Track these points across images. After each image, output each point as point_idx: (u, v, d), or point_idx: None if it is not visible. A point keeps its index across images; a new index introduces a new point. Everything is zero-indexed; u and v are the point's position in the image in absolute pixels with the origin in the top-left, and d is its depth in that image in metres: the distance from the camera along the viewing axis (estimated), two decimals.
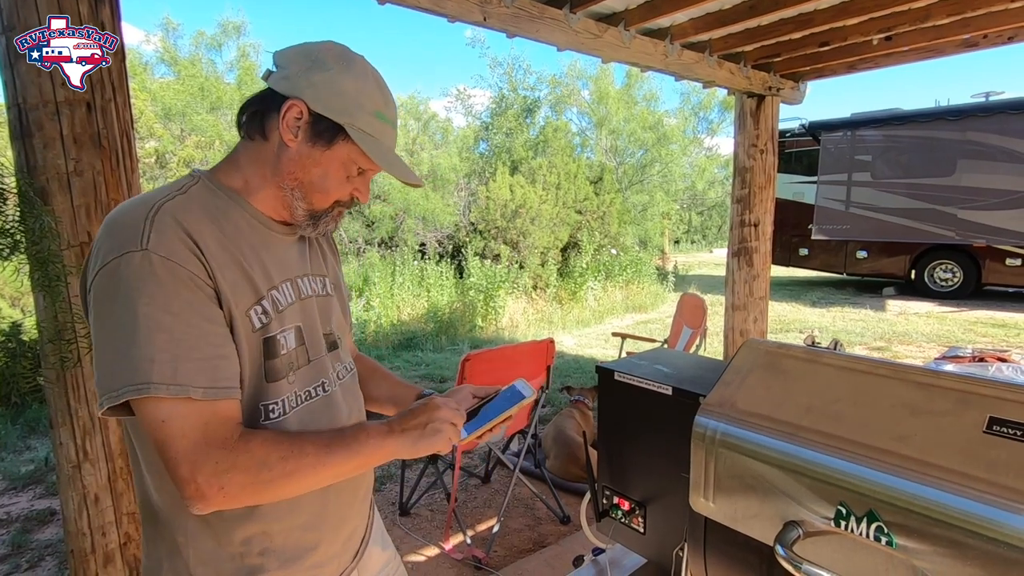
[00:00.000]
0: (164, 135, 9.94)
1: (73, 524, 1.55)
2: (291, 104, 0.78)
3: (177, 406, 0.68)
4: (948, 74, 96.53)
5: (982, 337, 6.70)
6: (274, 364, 0.79)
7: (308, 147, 0.80)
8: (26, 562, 2.66)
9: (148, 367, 0.67)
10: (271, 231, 0.84)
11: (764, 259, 3.99)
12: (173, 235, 0.71)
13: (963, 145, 7.76)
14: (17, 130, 1.43)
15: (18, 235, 1.35)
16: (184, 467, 0.67)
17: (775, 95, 3.78)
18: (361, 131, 0.80)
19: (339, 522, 0.89)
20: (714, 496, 0.80)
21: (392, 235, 11.69)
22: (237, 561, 0.79)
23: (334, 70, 0.79)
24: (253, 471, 0.70)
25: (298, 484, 0.74)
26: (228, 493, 0.69)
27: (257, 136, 0.82)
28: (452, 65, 53.15)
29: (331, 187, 0.83)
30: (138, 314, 0.67)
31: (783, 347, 0.85)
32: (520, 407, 0.91)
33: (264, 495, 0.73)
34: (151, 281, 0.68)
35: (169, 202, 0.74)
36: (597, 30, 2.75)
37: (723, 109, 19.14)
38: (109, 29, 1.46)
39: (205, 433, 0.69)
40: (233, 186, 0.82)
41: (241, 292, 0.76)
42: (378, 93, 0.83)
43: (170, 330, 0.68)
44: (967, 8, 2.73)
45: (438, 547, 2.66)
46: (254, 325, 0.77)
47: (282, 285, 0.83)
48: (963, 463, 0.61)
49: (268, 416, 0.79)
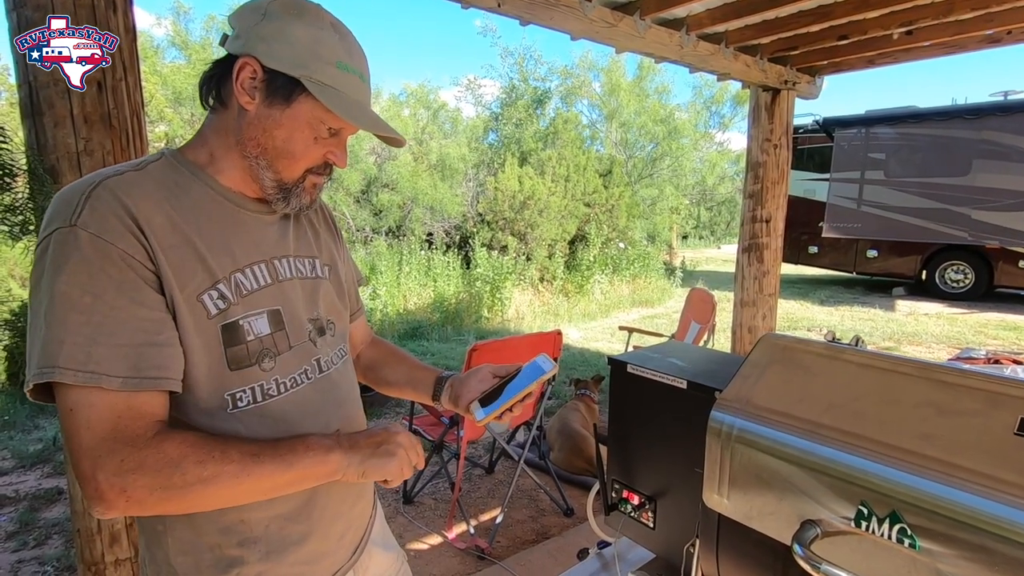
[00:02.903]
0: (174, 119, 9.95)
1: (80, 503, 1.55)
2: (243, 63, 0.72)
3: (86, 395, 0.62)
4: (965, 72, 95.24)
5: (993, 340, 6.63)
6: (237, 351, 0.73)
7: (267, 108, 0.73)
8: (33, 540, 2.69)
9: (56, 349, 0.62)
10: (242, 209, 0.79)
11: (775, 255, 3.95)
12: (108, 211, 0.66)
13: (979, 145, 7.64)
14: (28, 108, 1.42)
15: (27, 213, 1.34)
16: (85, 462, 0.61)
17: (791, 89, 3.72)
18: (320, 83, 0.73)
19: (332, 517, 0.84)
20: (729, 492, 0.78)
21: (399, 224, 11.68)
22: (216, 552, 0.75)
23: (283, 18, 0.72)
24: (163, 474, 0.63)
25: (217, 494, 0.67)
26: (131, 497, 0.62)
27: (217, 105, 0.77)
28: (462, 54, 52.86)
29: (297, 151, 0.76)
30: (55, 293, 0.63)
31: (802, 342, 0.83)
32: (540, 383, 0.89)
33: (175, 503, 0.65)
34: (74, 258, 0.63)
35: (115, 178, 0.69)
36: (612, 19, 2.71)
37: (735, 104, 18.94)
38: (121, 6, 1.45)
39: (115, 427, 0.63)
40: (198, 161, 0.77)
41: (190, 275, 0.70)
42: (338, 41, 0.75)
43: (88, 312, 0.63)
44: (992, 3, 2.67)
45: (441, 536, 2.66)
46: (209, 311, 0.71)
47: (251, 267, 0.77)
48: (993, 465, 0.59)
49: (236, 405, 0.73)
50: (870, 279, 10.49)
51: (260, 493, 0.71)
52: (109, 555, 1.59)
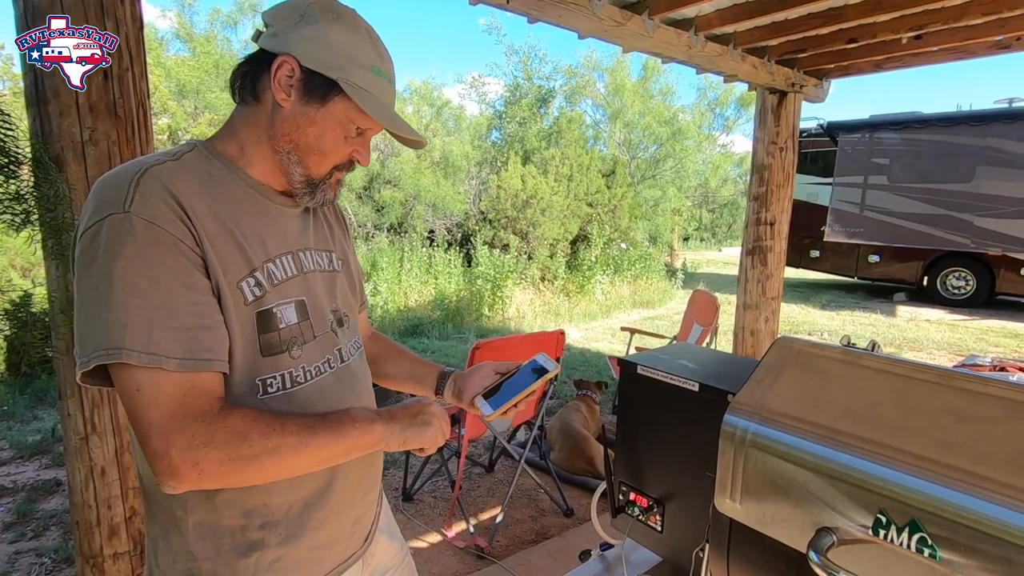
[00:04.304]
0: (177, 111, 9.92)
1: (79, 496, 1.54)
2: (282, 60, 0.75)
3: (152, 375, 0.64)
4: (969, 78, 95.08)
5: (994, 347, 6.62)
6: (270, 338, 0.76)
7: (302, 106, 0.76)
8: (31, 531, 2.68)
9: (120, 332, 0.64)
10: (271, 202, 0.81)
11: (778, 258, 3.93)
12: (158, 199, 0.68)
13: (984, 151, 7.62)
14: (33, 96, 1.41)
15: (32, 202, 1.33)
16: (156, 439, 0.64)
17: (798, 92, 3.71)
18: (356, 86, 0.76)
19: (347, 504, 0.86)
20: (741, 498, 0.77)
21: (401, 221, 11.65)
22: (238, 536, 0.76)
23: (323, 22, 0.75)
24: (232, 446, 0.66)
25: (280, 465, 0.70)
26: (203, 470, 0.65)
27: (250, 99, 0.79)
28: (466, 52, 52.80)
29: (328, 148, 0.79)
30: (114, 277, 0.64)
31: (818, 346, 0.82)
32: (544, 381, 0.91)
33: (242, 474, 0.68)
34: (130, 244, 0.65)
35: (159, 166, 0.71)
36: (621, 18, 2.69)
37: (739, 106, 18.90)
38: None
39: (183, 405, 0.65)
40: (228, 153, 0.79)
41: (232, 262, 0.73)
42: (371, 47, 0.79)
43: (146, 296, 0.65)
44: (1003, 8, 2.65)
45: (440, 534, 2.65)
46: (246, 297, 0.74)
47: (280, 258, 0.80)
48: (1017, 475, 0.58)
49: (266, 391, 0.76)
50: (871, 284, 10.48)
51: (315, 464, 0.74)
52: (108, 548, 1.58)
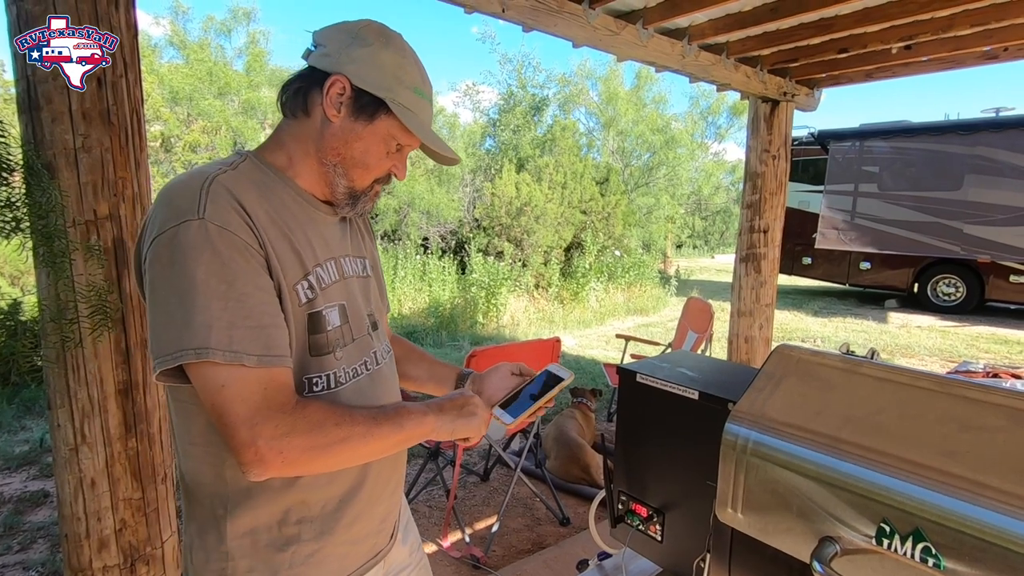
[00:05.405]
0: (170, 118, 9.88)
1: (68, 508, 1.51)
2: (334, 79, 0.80)
3: (235, 372, 0.69)
4: (958, 88, 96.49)
5: (985, 353, 6.68)
6: (319, 339, 0.80)
7: (351, 122, 0.82)
8: (17, 544, 2.63)
9: (206, 333, 0.68)
10: (316, 210, 0.86)
11: (772, 266, 3.95)
12: (227, 205, 0.72)
13: (972, 160, 7.71)
14: (25, 103, 1.39)
15: (23, 209, 1.31)
16: (244, 431, 0.68)
17: (790, 101, 3.74)
18: (402, 106, 0.82)
19: (376, 500, 0.90)
20: (743, 507, 0.76)
21: (395, 228, 11.63)
22: (275, 531, 0.80)
23: (375, 45, 0.81)
24: (312, 435, 0.70)
25: (351, 452, 0.75)
26: (287, 458, 0.69)
27: (300, 113, 0.84)
28: (460, 60, 52.99)
29: (371, 163, 0.84)
30: (196, 280, 0.68)
31: (818, 354, 0.82)
32: (559, 389, 0.94)
33: (319, 461, 0.73)
34: (207, 249, 0.69)
35: (222, 175, 0.76)
36: (615, 27, 2.71)
37: (732, 115, 19.08)
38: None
39: (265, 398, 0.70)
40: (278, 164, 0.84)
41: (289, 266, 0.78)
42: (416, 69, 0.85)
43: (225, 298, 0.69)
44: (991, 19, 2.69)
45: (436, 544, 2.63)
46: (300, 300, 0.78)
47: (326, 263, 0.84)
48: (1021, 484, 0.57)
49: (312, 389, 0.80)
50: (863, 291, 10.55)
51: (379, 452, 0.79)
52: (97, 561, 1.54)
